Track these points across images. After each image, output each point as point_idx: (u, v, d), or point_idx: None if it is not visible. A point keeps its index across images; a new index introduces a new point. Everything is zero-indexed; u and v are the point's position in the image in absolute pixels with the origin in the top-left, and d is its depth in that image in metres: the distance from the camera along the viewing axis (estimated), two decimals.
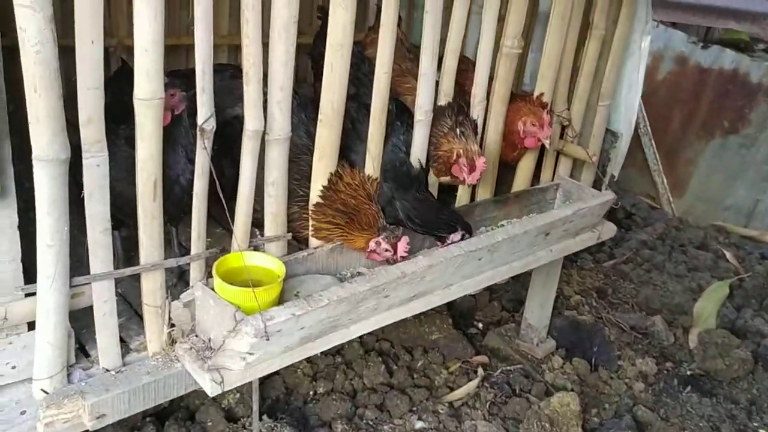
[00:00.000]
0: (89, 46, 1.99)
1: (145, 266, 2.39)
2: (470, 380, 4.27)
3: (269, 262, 2.61)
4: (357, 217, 2.81)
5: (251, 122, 2.44)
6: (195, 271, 2.56)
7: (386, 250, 2.80)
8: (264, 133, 2.52)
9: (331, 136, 2.75)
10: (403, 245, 2.80)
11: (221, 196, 2.35)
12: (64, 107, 2.01)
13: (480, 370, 4.35)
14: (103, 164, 2.17)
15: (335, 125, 2.73)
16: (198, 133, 2.33)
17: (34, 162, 2.01)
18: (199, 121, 2.31)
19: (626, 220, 6.22)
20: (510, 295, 5.07)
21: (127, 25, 4.26)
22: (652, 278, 5.37)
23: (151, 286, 2.45)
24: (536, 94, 3.48)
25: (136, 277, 2.44)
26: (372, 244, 2.81)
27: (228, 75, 3.07)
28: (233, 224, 2.57)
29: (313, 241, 2.93)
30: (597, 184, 4.18)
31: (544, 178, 3.82)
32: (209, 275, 2.58)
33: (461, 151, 2.98)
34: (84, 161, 2.14)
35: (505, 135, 3.44)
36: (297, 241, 2.97)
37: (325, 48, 3.29)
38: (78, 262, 2.39)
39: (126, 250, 2.99)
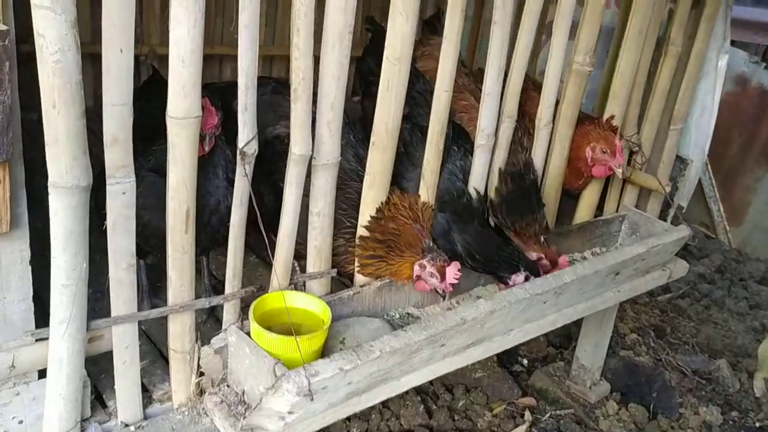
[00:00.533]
0: (117, 56, 1.71)
1: (173, 307, 2.09)
2: (517, 425, 3.90)
3: (312, 304, 2.29)
4: (397, 240, 2.50)
5: (298, 146, 2.13)
6: (228, 313, 2.25)
7: (432, 276, 2.46)
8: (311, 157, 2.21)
9: (385, 162, 2.44)
10: (452, 272, 2.46)
11: (261, 227, 2.04)
12: (88, 121, 1.72)
13: (527, 414, 3.98)
14: (129, 192, 1.88)
15: (389, 149, 2.42)
16: (238, 156, 2.03)
17: (50, 189, 1.73)
18: (240, 143, 2.01)
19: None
20: (557, 329, 4.69)
21: (160, 31, 4.03)
22: (711, 315, 4.95)
23: (179, 329, 2.15)
24: (605, 116, 3.13)
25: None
26: (416, 268, 2.48)
27: (269, 89, 2.78)
28: (273, 259, 2.26)
29: (359, 278, 2.61)
30: (663, 215, 3.83)
31: (608, 209, 3.47)
32: (244, 315, 2.27)
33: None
34: (108, 188, 1.85)
35: (569, 161, 3.10)
36: (341, 277, 2.65)
37: (374, 62, 3.00)
38: (99, 291, 2.11)
39: (151, 280, 2.70)
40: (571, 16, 2.73)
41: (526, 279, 2.78)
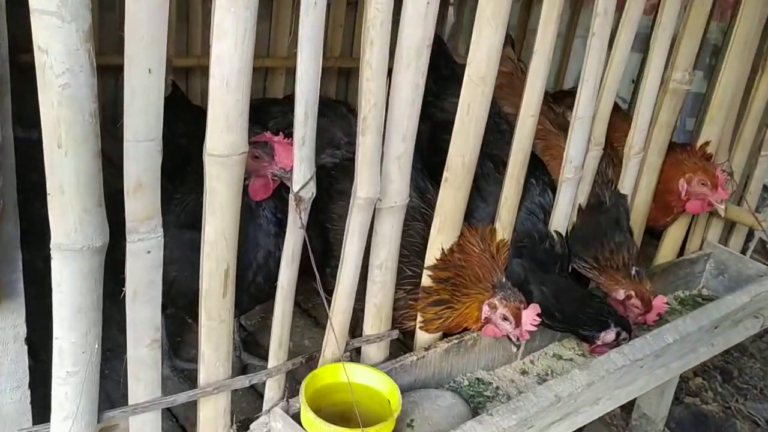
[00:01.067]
0: (145, 78, 1.28)
1: (205, 389, 1.66)
2: None
3: (375, 380, 1.86)
4: (463, 274, 2.07)
5: (366, 188, 1.70)
6: (272, 390, 1.82)
7: (504, 319, 2.04)
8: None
9: (458, 200, 2.01)
10: (530, 316, 2.03)
11: (319, 286, 1.62)
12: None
13: None
14: (156, 250, 1.46)
15: (464, 186, 2.00)
16: (291, 202, 1.60)
17: (53, 253, 1.30)
18: (296, 185, 1.58)
19: None
20: None
21: (176, 38, 3.60)
22: None
23: (212, 413, 1.72)
24: (700, 141, 2.70)
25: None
26: (485, 309, 2.06)
27: None
28: (329, 325, 1.83)
29: (422, 337, 2.18)
30: (744, 252, 3.39)
31: (691, 246, 3.04)
32: (289, 392, 1.84)
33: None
34: (129, 246, 1.42)
35: (657, 195, 2.66)
36: (402, 335, 2.23)
37: (432, 79, 2.58)
38: (109, 350, 1.68)
39: (171, 335, 2.28)
40: (673, 27, 2.30)
41: (617, 336, 2.35)
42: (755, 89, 2.85)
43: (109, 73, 3.19)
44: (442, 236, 2.05)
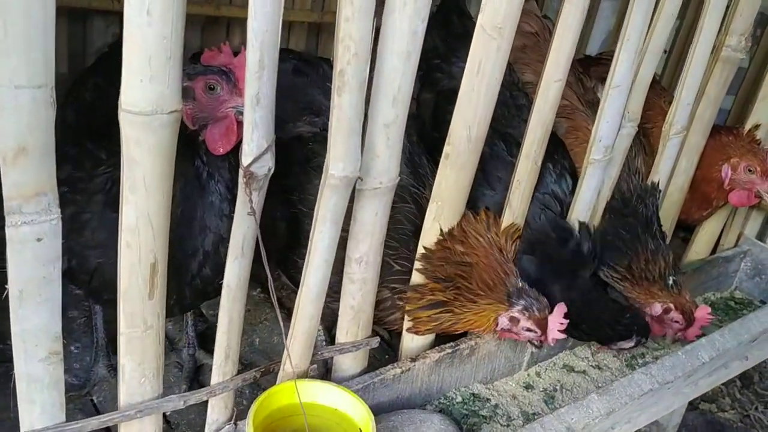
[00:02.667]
0: None
1: (126, 412, 1.30)
2: None
3: (345, 403, 1.49)
4: (468, 276, 1.70)
5: (342, 163, 1.31)
6: (217, 411, 1.47)
7: (529, 330, 1.71)
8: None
9: (461, 183, 1.62)
10: (557, 322, 1.70)
11: (267, 270, 1.26)
12: None
13: None
14: (50, 238, 1.07)
15: (469, 165, 1.61)
16: (241, 179, 1.21)
17: None
18: (246, 158, 1.20)
19: None
20: None
21: None
22: None
23: None
24: (748, 124, 2.29)
25: None
26: (503, 321, 1.71)
27: (289, 68, 1.93)
28: (285, 336, 1.46)
29: (408, 344, 1.81)
30: None
31: (726, 242, 2.65)
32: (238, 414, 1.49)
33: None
34: (8, 231, 1.05)
35: (693, 185, 2.26)
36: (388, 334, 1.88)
37: (441, 38, 2.16)
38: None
39: (110, 331, 1.91)
40: None
41: (636, 344, 2.00)
42: None
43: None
44: (438, 225, 1.67)
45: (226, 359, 1.41)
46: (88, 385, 1.78)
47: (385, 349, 2.08)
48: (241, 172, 1.20)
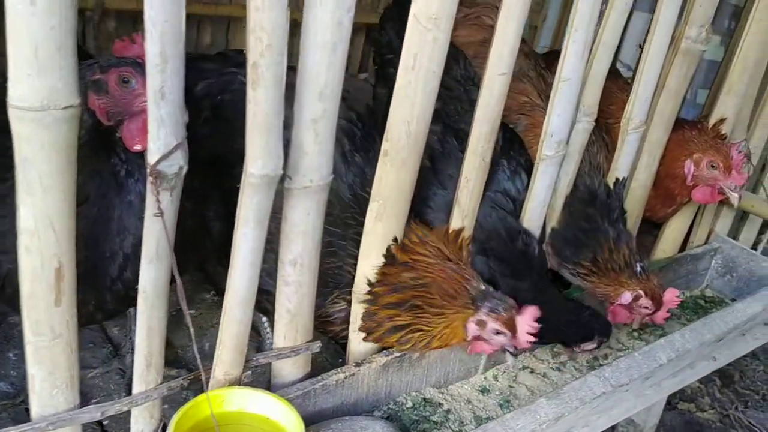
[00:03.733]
0: None
1: (36, 425, 1.24)
2: None
3: (276, 411, 1.43)
4: (427, 294, 1.63)
5: (260, 161, 1.25)
6: (140, 422, 1.40)
7: (498, 333, 1.62)
8: (284, 177, 1.34)
9: (403, 182, 1.56)
10: (527, 321, 1.61)
11: (177, 279, 1.19)
12: None
13: None
14: None
15: (411, 163, 1.54)
16: (149, 180, 1.15)
17: None
18: (152, 156, 1.13)
19: None
20: None
21: None
22: None
23: None
24: (714, 117, 2.23)
25: None
26: (471, 328, 1.62)
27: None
28: (194, 342, 1.39)
29: (355, 347, 1.75)
30: (756, 246, 2.96)
31: (696, 239, 2.59)
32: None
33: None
34: None
35: (657, 182, 2.20)
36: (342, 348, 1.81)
37: (396, 33, 2.10)
38: None
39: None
40: None
41: (599, 344, 1.95)
42: None
43: None
44: (381, 226, 1.61)
45: (148, 367, 1.34)
46: (23, 394, 1.71)
47: (339, 352, 2.02)
48: (147, 171, 1.14)
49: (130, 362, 1.85)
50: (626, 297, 1.98)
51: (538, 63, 2.27)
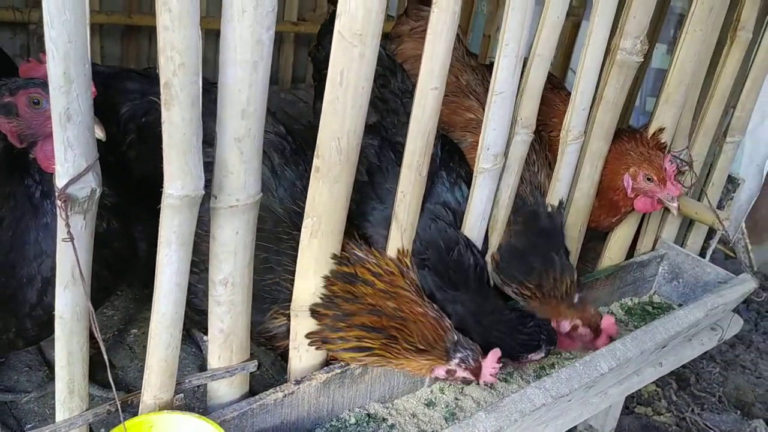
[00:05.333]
0: None
1: None
2: None
3: None
4: (404, 331, 1.68)
5: (178, 181, 1.23)
6: None
7: (464, 379, 1.77)
8: (210, 196, 1.32)
9: (336, 197, 1.55)
10: (490, 365, 1.74)
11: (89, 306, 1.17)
12: None
13: None
14: None
15: (344, 177, 1.53)
16: (59, 205, 1.12)
17: None
18: (59, 180, 1.11)
19: None
20: None
21: None
22: (738, 356, 4.18)
23: None
24: (652, 127, 2.27)
25: None
26: (438, 371, 1.73)
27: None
28: (109, 372, 1.37)
29: (296, 364, 1.73)
30: (704, 252, 3.00)
31: (642, 246, 2.62)
32: None
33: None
34: None
35: (600, 192, 2.23)
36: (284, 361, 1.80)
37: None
38: None
39: None
40: None
41: (546, 353, 1.96)
42: (721, 65, 2.42)
43: None
44: (317, 243, 1.59)
45: (70, 394, 1.31)
46: None
47: (284, 368, 2.00)
48: (58, 195, 1.11)
49: None
50: (565, 326, 2.03)
51: (485, 77, 2.28)
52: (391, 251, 1.75)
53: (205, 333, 1.83)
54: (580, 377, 1.79)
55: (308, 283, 1.64)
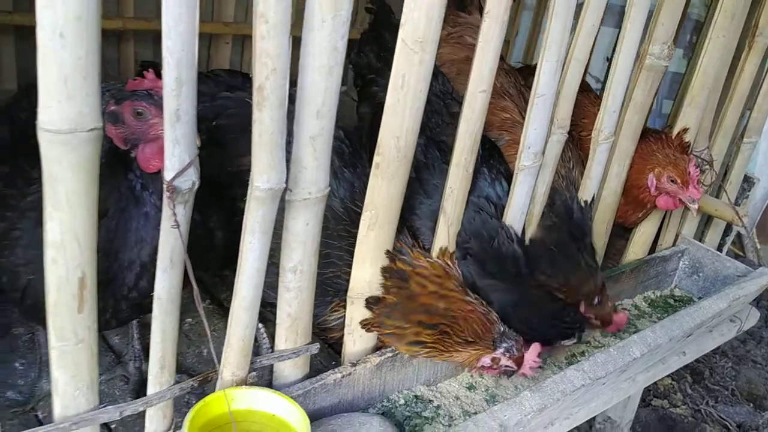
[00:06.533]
0: None
1: (59, 426, 1.33)
2: None
3: (282, 408, 1.53)
4: (455, 326, 1.82)
5: (265, 176, 1.36)
6: (154, 421, 1.49)
7: (507, 368, 1.90)
8: (285, 190, 1.45)
9: (393, 192, 1.68)
10: (533, 357, 1.88)
11: (193, 284, 1.30)
12: None
13: None
14: None
15: (400, 175, 1.66)
16: (165, 194, 1.25)
17: None
18: (168, 173, 1.24)
19: None
20: None
21: None
22: (749, 352, 4.30)
23: None
24: (677, 128, 2.39)
25: None
26: (485, 360, 1.87)
27: (249, 96, 1.95)
28: (211, 346, 1.49)
29: (350, 348, 1.86)
30: (721, 247, 3.13)
31: (664, 242, 2.75)
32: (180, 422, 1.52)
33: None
34: None
35: (626, 189, 2.35)
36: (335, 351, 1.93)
37: (375, 53, 2.22)
38: None
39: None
40: None
41: (577, 341, 2.08)
42: (740, 69, 2.55)
43: None
44: (374, 235, 1.72)
45: (161, 369, 1.44)
46: (32, 401, 1.79)
47: (332, 355, 2.12)
48: (164, 186, 1.24)
49: (132, 369, 1.94)
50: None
51: (517, 80, 2.41)
52: (436, 250, 1.87)
53: (262, 322, 1.97)
54: (615, 361, 1.91)
55: (364, 272, 1.77)
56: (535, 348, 1.84)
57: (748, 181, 3.03)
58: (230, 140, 1.86)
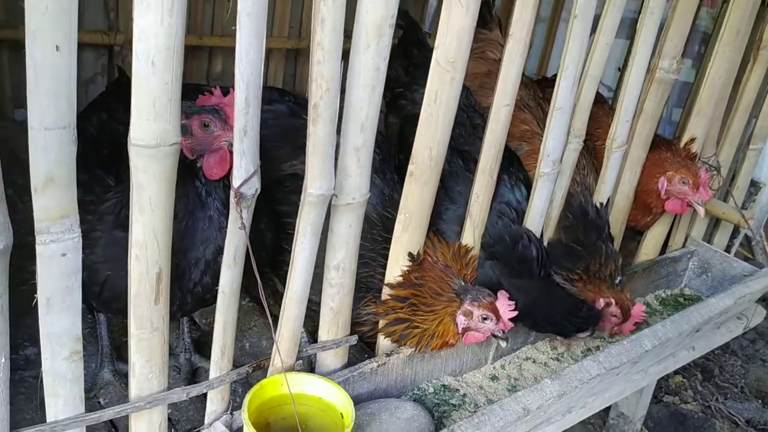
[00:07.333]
0: (51, 55, 1.10)
1: (136, 404, 1.50)
2: None
3: (328, 392, 1.70)
4: (420, 293, 1.91)
5: (318, 183, 1.53)
6: (215, 402, 1.67)
7: (485, 319, 1.90)
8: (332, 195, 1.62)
9: (425, 198, 1.85)
10: (505, 305, 1.91)
11: (257, 276, 1.47)
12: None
13: None
14: (73, 253, 1.28)
15: (432, 181, 1.83)
16: (232, 199, 1.43)
17: None
18: (236, 181, 1.41)
19: None
20: None
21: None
22: (758, 351, 4.42)
23: (145, 429, 1.56)
24: (686, 137, 2.55)
25: None
26: (460, 319, 1.91)
27: (285, 110, 2.14)
28: (275, 332, 1.66)
29: (384, 343, 2.03)
30: (729, 249, 3.27)
31: (674, 244, 2.90)
32: (235, 405, 1.69)
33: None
34: (39, 248, 1.25)
35: (637, 194, 2.51)
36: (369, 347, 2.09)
37: (403, 68, 2.40)
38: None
39: (114, 337, 2.10)
40: (662, 12, 2.14)
41: (591, 333, 2.23)
42: (746, 80, 2.70)
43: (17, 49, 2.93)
44: (407, 236, 1.89)
45: (222, 356, 1.61)
46: (95, 389, 1.96)
47: (363, 349, 2.29)
48: (232, 192, 1.42)
49: (183, 361, 2.11)
50: (599, 302, 2.27)
51: (536, 93, 2.58)
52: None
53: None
54: (628, 353, 2.07)
55: (397, 269, 1.94)
56: (501, 295, 1.88)
57: (754, 186, 3.18)
58: (270, 148, 2.04)
